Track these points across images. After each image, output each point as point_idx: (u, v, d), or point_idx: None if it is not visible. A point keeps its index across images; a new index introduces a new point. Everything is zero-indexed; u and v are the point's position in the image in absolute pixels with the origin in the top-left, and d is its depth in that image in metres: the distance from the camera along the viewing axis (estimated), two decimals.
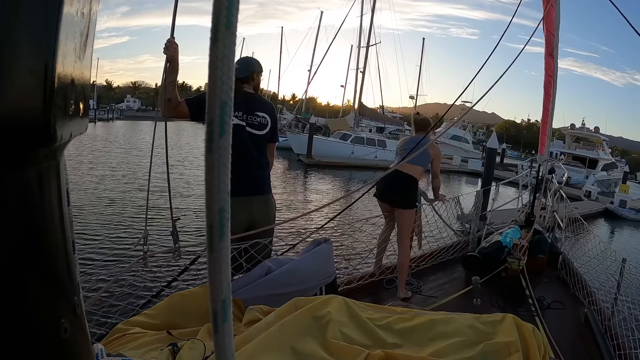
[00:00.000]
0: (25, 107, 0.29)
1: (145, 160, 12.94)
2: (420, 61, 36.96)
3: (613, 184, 20.50)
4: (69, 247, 0.37)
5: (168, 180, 2.03)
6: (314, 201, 10.21)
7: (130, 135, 25.91)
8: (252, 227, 2.26)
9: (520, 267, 3.08)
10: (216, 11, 0.26)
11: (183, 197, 8.43)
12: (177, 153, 16.22)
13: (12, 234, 0.30)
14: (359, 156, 20.77)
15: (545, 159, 4.48)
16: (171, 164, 2.20)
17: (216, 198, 0.29)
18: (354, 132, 22.47)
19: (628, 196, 14.57)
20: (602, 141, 24.20)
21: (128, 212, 7.06)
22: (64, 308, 0.36)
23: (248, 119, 2.33)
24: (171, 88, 2.03)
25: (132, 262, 1.90)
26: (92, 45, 0.39)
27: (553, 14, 3.48)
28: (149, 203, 2.07)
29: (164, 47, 1.92)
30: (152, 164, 1.98)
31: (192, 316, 1.47)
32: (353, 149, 21.06)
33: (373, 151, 21.52)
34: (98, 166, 11.81)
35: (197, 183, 10.09)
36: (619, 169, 24.23)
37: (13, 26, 0.28)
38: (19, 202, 0.30)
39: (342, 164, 18.96)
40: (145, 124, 37.57)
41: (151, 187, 1.94)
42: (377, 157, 21.21)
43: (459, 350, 1.25)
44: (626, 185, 15.89)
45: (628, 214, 13.42)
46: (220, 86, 0.27)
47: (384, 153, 21.56)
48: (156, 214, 5.78)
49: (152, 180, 1.94)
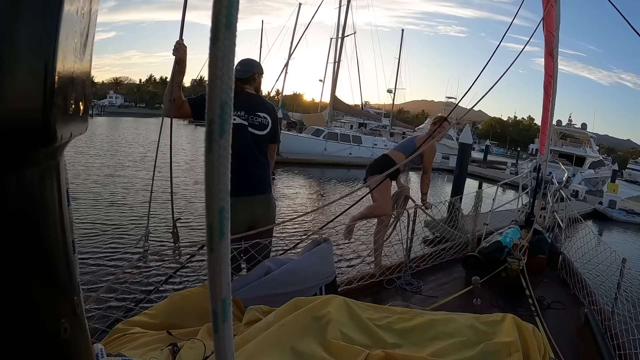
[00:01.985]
0: (25, 107, 0.29)
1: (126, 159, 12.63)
2: (399, 54, 34.03)
3: (601, 182, 19.79)
4: (69, 247, 0.37)
5: (171, 180, 2.05)
6: (282, 205, 9.30)
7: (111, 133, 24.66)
8: (253, 227, 2.27)
9: (520, 267, 3.08)
10: (216, 11, 0.26)
11: (186, 198, 8.43)
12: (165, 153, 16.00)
13: (12, 234, 0.30)
14: (332, 153, 19.33)
15: (545, 159, 4.49)
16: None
17: (216, 198, 0.29)
18: (328, 128, 21.01)
19: (617, 196, 13.70)
20: (590, 138, 23.40)
21: (128, 212, 7.06)
22: (64, 308, 0.36)
23: (250, 119, 2.35)
24: (177, 89, 2.06)
25: (133, 260, 1.90)
26: (92, 45, 0.39)
27: (553, 14, 3.48)
28: (148, 203, 2.07)
29: (173, 48, 1.95)
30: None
31: (192, 316, 1.47)
32: (326, 145, 19.46)
33: (347, 148, 20.27)
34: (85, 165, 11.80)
35: (185, 185, 10.08)
36: (607, 167, 23.47)
37: (13, 26, 0.27)
38: (19, 202, 0.30)
39: (312, 161, 17.26)
40: (126, 120, 35.77)
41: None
42: (351, 154, 20.00)
43: (459, 350, 1.25)
44: (615, 184, 14.92)
45: (618, 215, 12.55)
46: (220, 86, 0.27)
47: (359, 150, 20.45)
48: (156, 215, 5.79)
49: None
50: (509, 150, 62.73)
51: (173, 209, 2.02)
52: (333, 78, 23.39)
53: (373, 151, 20.66)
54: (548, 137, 4.46)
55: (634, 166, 48.47)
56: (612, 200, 13.39)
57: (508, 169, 22.34)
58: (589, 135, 23.41)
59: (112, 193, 8.41)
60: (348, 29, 23.59)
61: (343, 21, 23.05)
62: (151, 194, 2.01)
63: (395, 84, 34.22)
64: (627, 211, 12.90)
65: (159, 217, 5.59)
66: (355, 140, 21.06)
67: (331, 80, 23.71)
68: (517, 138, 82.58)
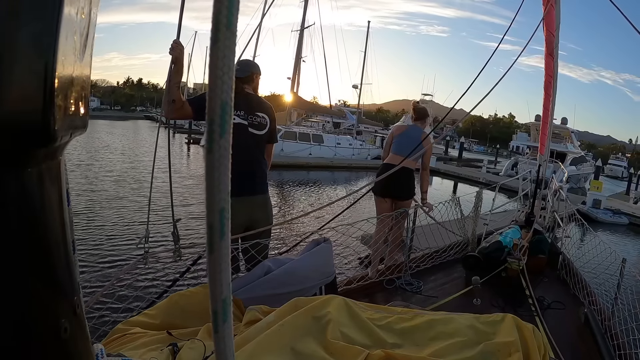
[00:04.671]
0: (26, 108, 0.29)
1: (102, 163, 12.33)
2: (365, 47, 30.96)
3: (583, 179, 19.08)
4: (69, 247, 0.37)
5: (170, 182, 2.05)
6: None
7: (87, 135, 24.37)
8: (251, 228, 2.27)
9: (520, 267, 3.08)
10: (216, 11, 0.26)
11: (185, 199, 8.44)
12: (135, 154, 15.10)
13: (12, 234, 0.30)
14: (290, 154, 17.75)
15: (545, 159, 4.49)
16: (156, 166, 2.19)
17: (216, 198, 0.29)
18: (285, 127, 19.18)
19: (602, 194, 12.58)
20: (571, 133, 22.44)
21: (129, 212, 7.07)
22: (64, 308, 0.36)
23: (249, 119, 2.35)
24: (175, 89, 2.03)
25: (133, 261, 1.90)
26: (92, 45, 0.39)
27: (553, 14, 3.48)
28: (147, 203, 2.07)
29: (170, 48, 1.91)
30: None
31: (192, 316, 1.47)
32: (282, 145, 17.60)
33: (307, 148, 18.73)
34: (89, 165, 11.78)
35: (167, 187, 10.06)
36: (588, 163, 22.65)
37: (13, 27, 0.27)
38: (19, 202, 0.30)
39: None
40: (101, 124, 34.15)
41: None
42: (311, 155, 18.55)
43: (459, 350, 1.25)
44: (599, 182, 13.66)
45: (604, 216, 11.42)
46: (221, 86, 0.27)
47: (319, 149, 19.06)
48: (156, 216, 5.79)
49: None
50: (490, 148, 62.34)
51: (173, 210, 2.02)
52: (293, 74, 22.09)
53: (336, 151, 19.73)
54: (548, 137, 4.47)
55: (614, 161, 47.80)
56: (596, 199, 12.27)
57: (484, 167, 21.21)
58: (570, 131, 22.45)
59: (112, 193, 8.43)
60: (315, 24, 22.38)
61: (304, 13, 21.73)
62: (150, 194, 2.00)
63: (361, 79, 31.31)
64: (613, 211, 11.93)
65: (160, 218, 5.60)
66: (316, 140, 19.42)
67: (294, 77, 22.45)
68: (498, 135, 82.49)
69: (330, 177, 16.15)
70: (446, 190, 15.21)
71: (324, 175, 16.18)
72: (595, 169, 17.26)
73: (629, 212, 12.04)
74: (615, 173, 41.53)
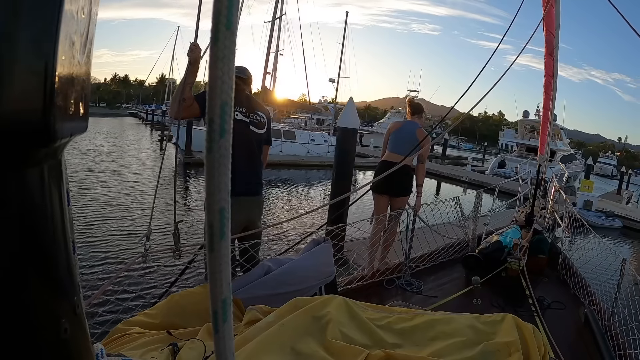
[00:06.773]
0: (26, 107, 0.29)
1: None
2: (343, 39, 29.31)
3: (572, 178, 18.24)
4: (69, 247, 0.37)
5: (175, 183, 2.08)
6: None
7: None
8: (247, 228, 2.29)
9: (520, 267, 3.08)
10: (216, 11, 0.26)
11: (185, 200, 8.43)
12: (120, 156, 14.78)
13: (12, 234, 0.30)
14: None
15: (545, 159, 4.49)
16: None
17: (216, 198, 0.29)
18: None
19: (593, 195, 11.64)
20: (560, 130, 21.55)
21: (128, 213, 7.06)
22: (64, 308, 0.36)
23: (250, 116, 2.39)
24: (188, 89, 2.10)
25: (133, 259, 1.90)
26: (92, 46, 0.39)
27: (553, 14, 3.48)
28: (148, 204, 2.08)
29: (188, 49, 2.00)
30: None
31: (192, 316, 1.47)
32: None
33: (277, 145, 17.34)
34: None
35: None
36: (578, 161, 21.91)
37: (13, 26, 0.27)
38: (19, 202, 0.30)
39: None
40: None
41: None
42: (282, 152, 17.35)
43: (459, 350, 1.25)
44: (589, 181, 12.75)
45: (596, 219, 10.27)
46: (221, 86, 0.27)
47: (291, 147, 18.00)
48: (157, 216, 5.78)
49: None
50: (478, 146, 62.20)
51: (175, 211, 2.04)
52: (265, 66, 20.99)
53: (309, 148, 18.73)
54: (548, 137, 4.46)
55: (604, 160, 47.71)
56: (587, 200, 11.27)
57: (469, 165, 20.45)
58: (559, 127, 21.60)
59: (111, 193, 8.43)
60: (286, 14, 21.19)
61: (280, 6, 20.72)
62: (155, 194, 2.02)
63: (338, 72, 29.47)
64: (606, 214, 10.94)
65: (160, 219, 5.59)
66: (288, 136, 18.35)
67: (278, 72, 21.81)
68: (487, 133, 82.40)
69: (304, 176, 15.21)
70: (427, 191, 14.90)
71: (297, 174, 15.29)
72: (586, 167, 16.60)
73: (623, 215, 11.30)
74: (605, 171, 41.48)
